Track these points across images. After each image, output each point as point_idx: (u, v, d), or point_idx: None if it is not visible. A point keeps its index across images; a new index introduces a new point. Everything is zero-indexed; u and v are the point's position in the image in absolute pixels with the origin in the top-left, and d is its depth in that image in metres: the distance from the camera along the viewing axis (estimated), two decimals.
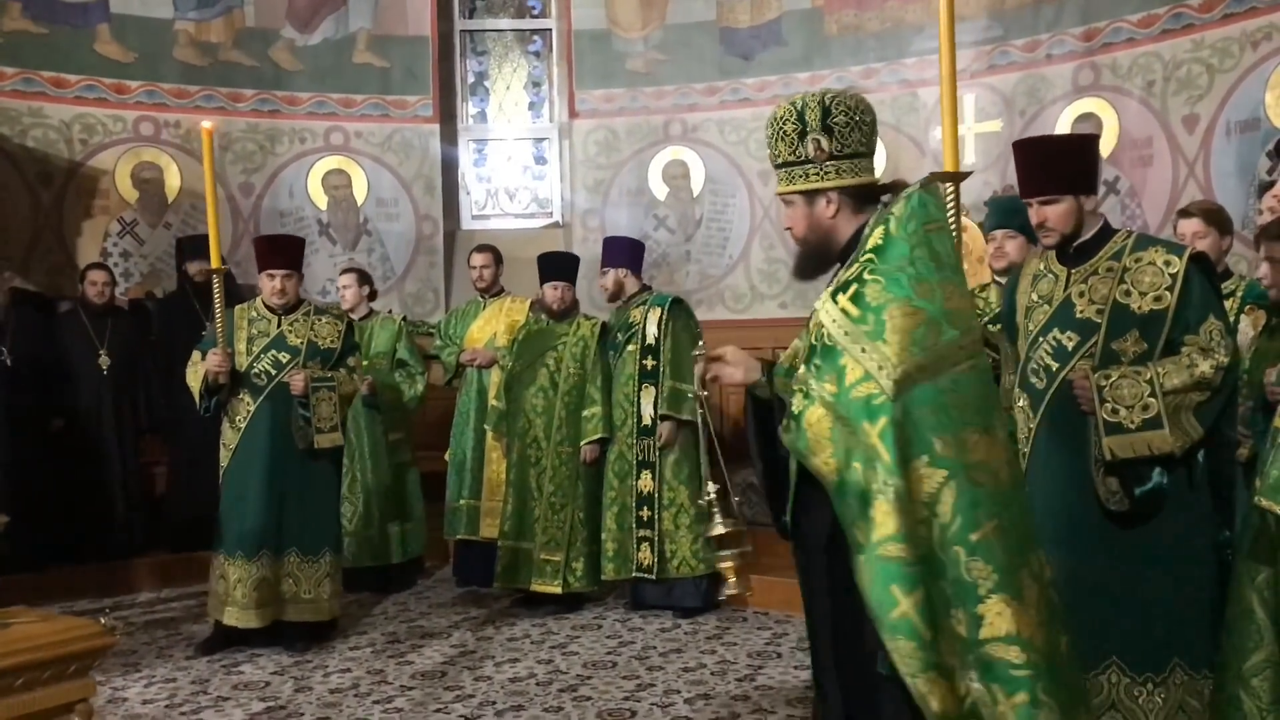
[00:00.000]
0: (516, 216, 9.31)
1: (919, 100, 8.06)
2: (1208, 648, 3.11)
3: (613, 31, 8.82)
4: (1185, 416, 3.08)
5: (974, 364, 2.32)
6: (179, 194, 8.16)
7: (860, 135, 2.47)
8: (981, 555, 2.22)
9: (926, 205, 2.37)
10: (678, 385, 5.99)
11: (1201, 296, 3.15)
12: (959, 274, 2.38)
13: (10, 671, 2.06)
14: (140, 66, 8.10)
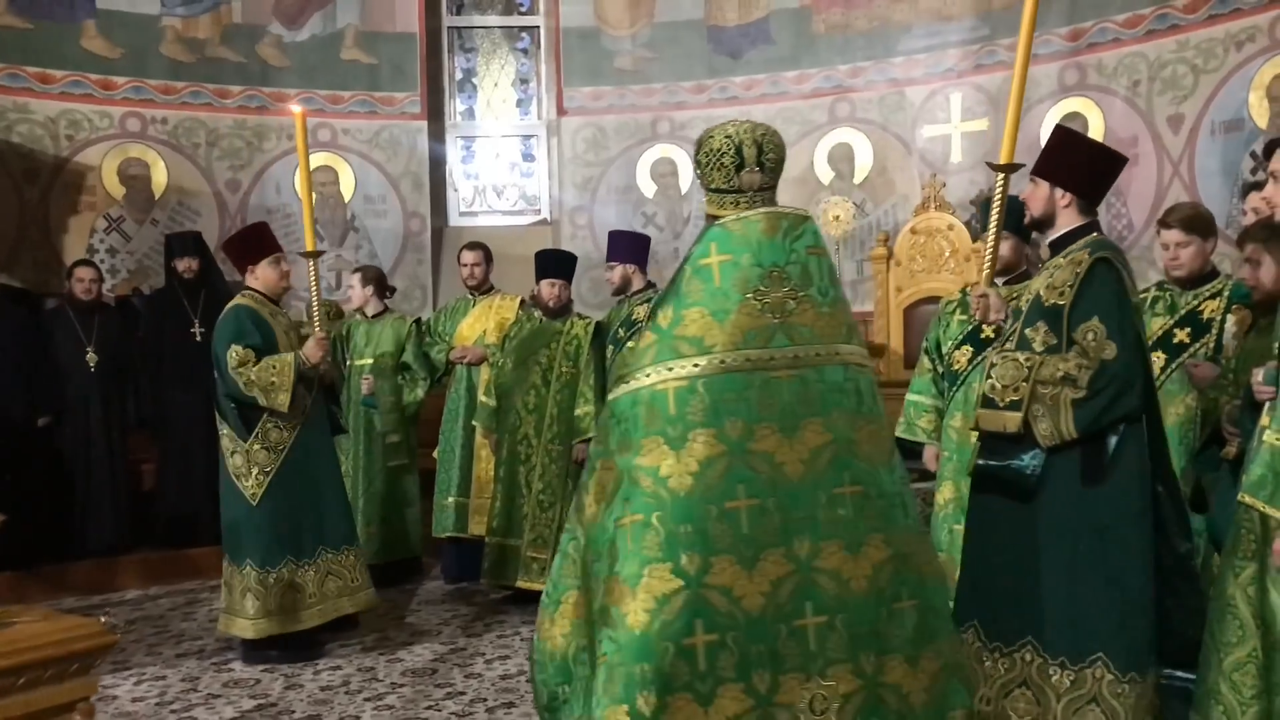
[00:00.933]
0: (504, 214, 9.32)
1: (905, 99, 8.11)
2: (1138, 651, 3.12)
3: (601, 29, 8.84)
4: (1062, 411, 3.13)
5: (691, 380, 2.64)
6: (166, 190, 8.15)
7: (721, 174, 2.81)
8: (620, 540, 2.60)
9: (715, 239, 2.75)
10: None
11: (1092, 297, 3.19)
12: (728, 301, 2.67)
13: (13, 670, 2.07)
14: (127, 62, 8.08)
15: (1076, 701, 3.11)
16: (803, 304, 2.72)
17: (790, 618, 2.60)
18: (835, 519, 2.65)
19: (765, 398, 2.65)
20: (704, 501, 2.58)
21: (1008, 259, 4.59)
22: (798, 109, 8.42)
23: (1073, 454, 3.16)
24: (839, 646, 2.63)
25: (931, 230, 7.37)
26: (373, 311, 6.89)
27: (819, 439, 2.67)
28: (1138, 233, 7.09)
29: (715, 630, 2.54)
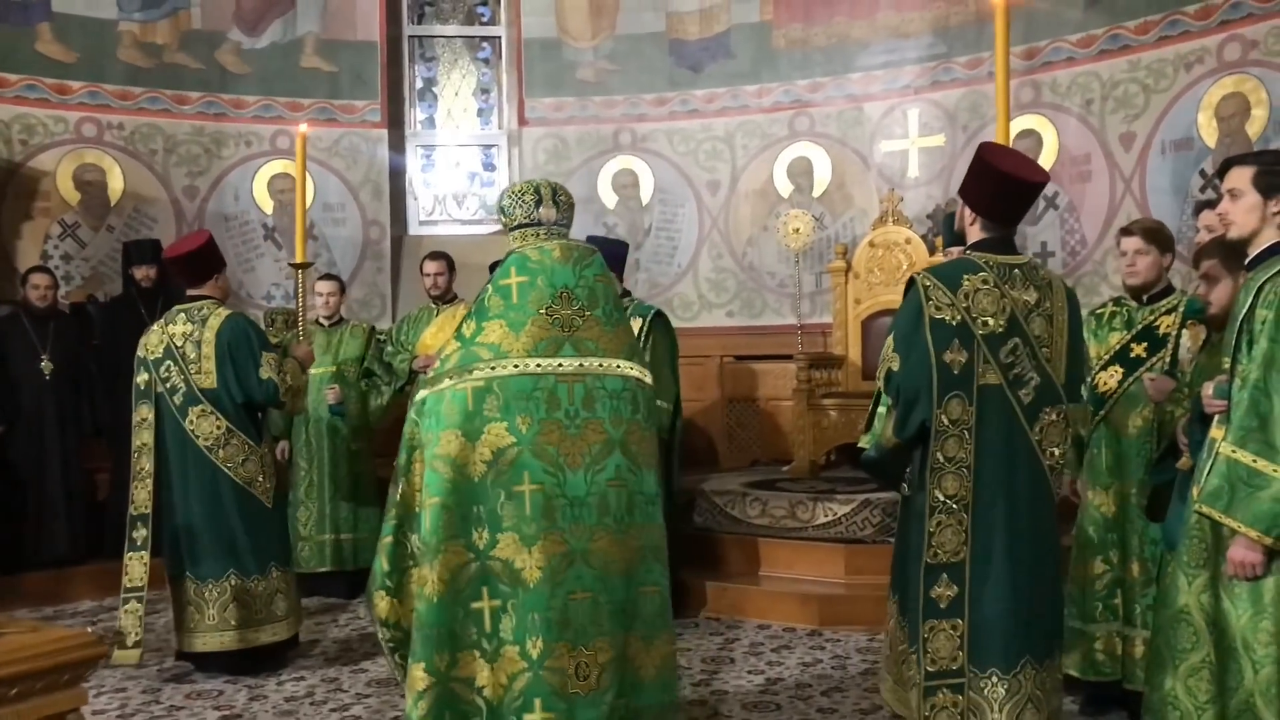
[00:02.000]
0: (464, 223, 9.31)
1: (864, 114, 8.23)
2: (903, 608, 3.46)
3: (563, 40, 8.88)
4: (888, 418, 3.39)
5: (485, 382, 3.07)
6: (122, 196, 8.05)
7: (522, 210, 3.31)
8: (421, 522, 3.06)
9: (516, 262, 3.23)
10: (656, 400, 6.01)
11: (895, 316, 3.44)
12: (522, 315, 3.13)
13: (4, 681, 2.06)
14: (83, 67, 7.97)
15: (904, 655, 3.43)
16: (589, 322, 3.19)
17: (563, 592, 3.04)
18: (606, 508, 3.12)
19: (552, 399, 3.10)
20: (494, 486, 3.03)
21: None
22: (758, 123, 8.51)
23: (915, 457, 3.43)
24: (601, 620, 3.07)
25: (889, 244, 7.48)
26: (333, 321, 6.87)
27: (597, 437, 3.13)
28: (1090, 247, 7.25)
29: (498, 597, 3.02)
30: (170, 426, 5.11)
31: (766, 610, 5.95)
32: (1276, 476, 2.91)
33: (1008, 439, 3.33)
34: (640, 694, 3.14)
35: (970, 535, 3.31)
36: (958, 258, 3.47)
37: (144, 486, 5.09)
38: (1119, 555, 4.25)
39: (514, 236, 3.32)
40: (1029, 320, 3.33)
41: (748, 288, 8.51)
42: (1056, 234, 7.41)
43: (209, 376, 5.06)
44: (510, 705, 3.01)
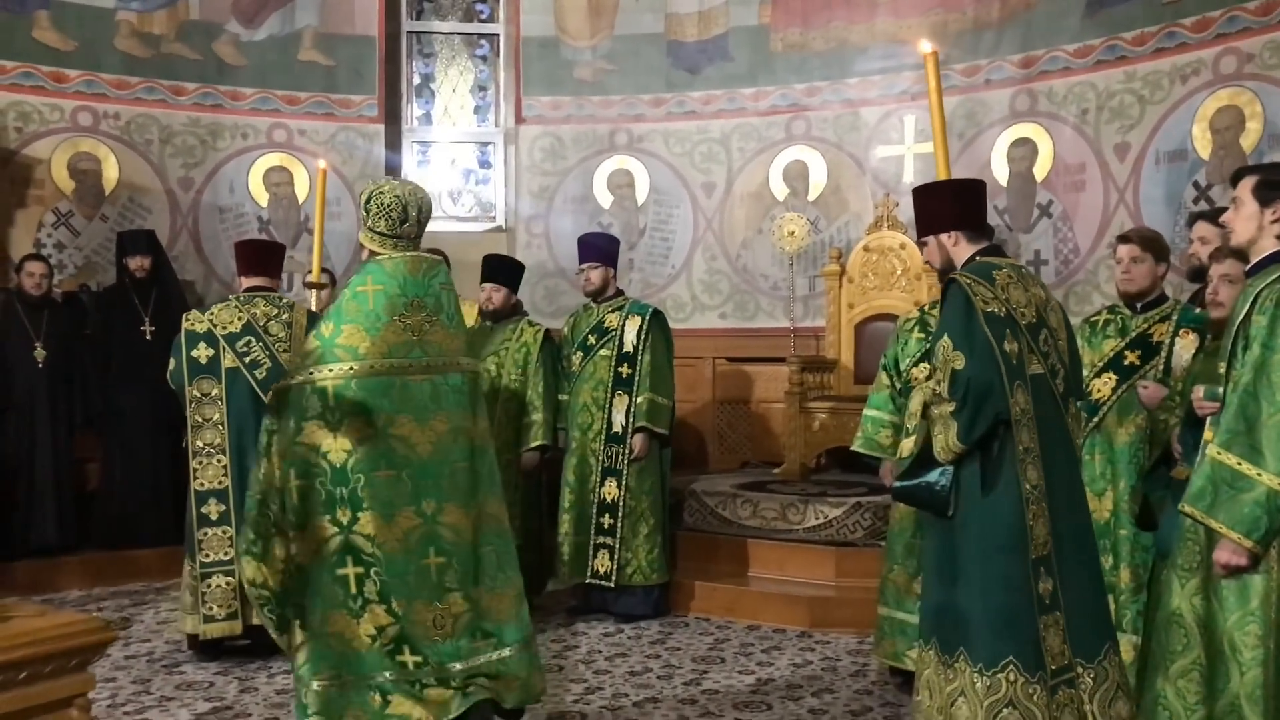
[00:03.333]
0: (459, 220, 9.31)
1: (860, 119, 8.26)
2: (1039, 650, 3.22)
3: (561, 39, 8.89)
4: (949, 427, 3.23)
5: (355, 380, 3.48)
6: (117, 186, 8.02)
7: (386, 223, 3.67)
8: (288, 499, 3.47)
9: (371, 271, 3.59)
10: (655, 398, 6.01)
11: (943, 316, 3.38)
12: (378, 320, 3.51)
13: (13, 665, 2.06)
14: (80, 55, 7.94)
15: (995, 707, 3.20)
16: (435, 326, 3.61)
17: (419, 558, 3.52)
18: (456, 487, 3.60)
19: (404, 395, 3.52)
20: (355, 471, 3.45)
21: None
22: (754, 126, 8.53)
23: (973, 463, 3.28)
24: (454, 579, 3.57)
25: (884, 249, 7.51)
26: None
27: (443, 426, 3.58)
28: (1084, 256, 7.29)
29: (361, 565, 3.46)
30: (244, 402, 5.28)
31: (757, 611, 5.97)
32: (1259, 480, 2.94)
33: (1058, 426, 3.37)
34: (505, 633, 3.68)
35: (1051, 525, 3.30)
36: (978, 260, 3.45)
37: (215, 462, 5.28)
38: (1110, 561, 4.29)
39: (371, 238, 3.69)
40: (1046, 314, 3.40)
41: (741, 290, 8.53)
42: (1050, 242, 7.45)
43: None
44: (383, 649, 3.48)
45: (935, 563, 3.41)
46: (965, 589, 3.28)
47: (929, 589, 3.46)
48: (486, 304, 6.27)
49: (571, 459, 6.12)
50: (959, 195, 3.52)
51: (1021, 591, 3.23)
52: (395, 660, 3.48)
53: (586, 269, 6.26)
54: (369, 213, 3.67)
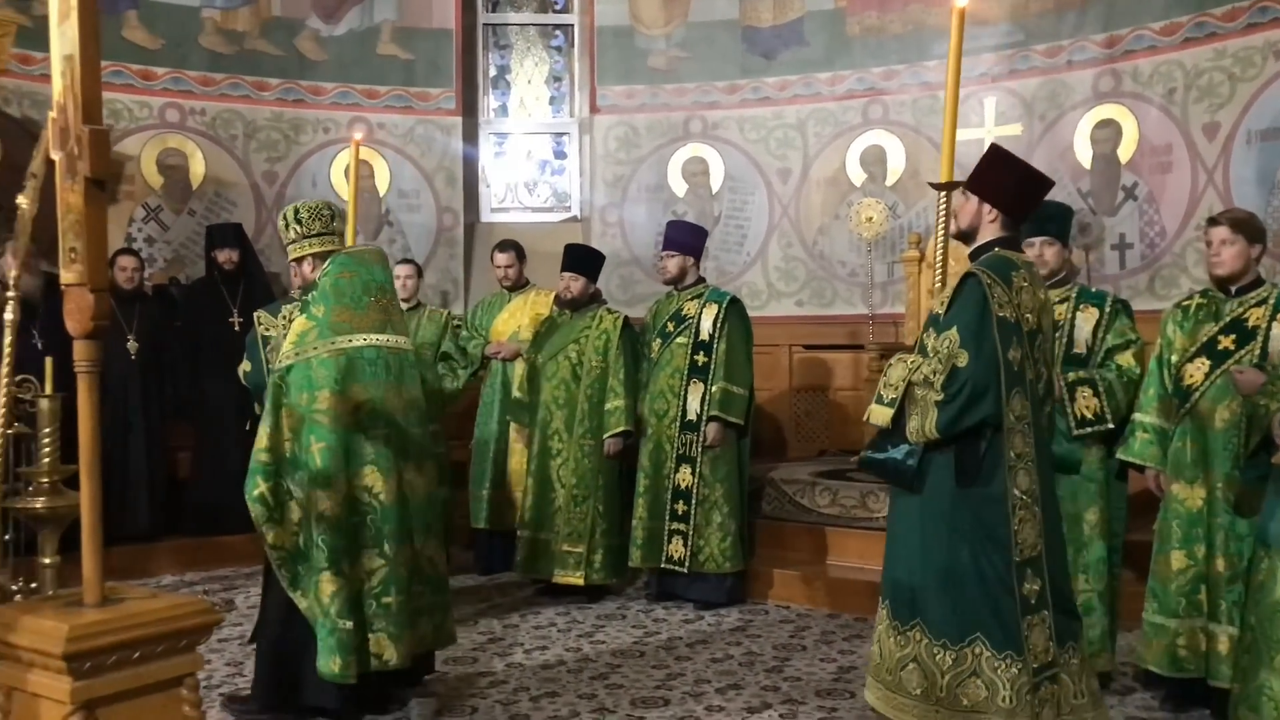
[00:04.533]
0: (535, 210, 9.38)
1: (939, 103, 8.13)
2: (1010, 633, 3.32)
3: (635, 28, 8.90)
4: (928, 412, 3.34)
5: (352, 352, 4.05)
6: (203, 180, 8.22)
7: (320, 224, 4.29)
8: (311, 462, 3.97)
9: (343, 262, 4.15)
10: (730, 387, 6.02)
11: (955, 308, 3.40)
12: (360, 301, 4.11)
13: (127, 645, 2.14)
14: (167, 53, 8.14)
15: (959, 677, 3.34)
16: (394, 308, 4.28)
17: (401, 508, 4.12)
18: (423, 450, 4.27)
19: (387, 366, 4.13)
20: (358, 430, 4.03)
21: (1053, 265, 4.66)
22: (830, 110, 8.46)
23: (948, 453, 3.37)
24: (421, 529, 4.21)
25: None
26: (411, 305, 6.97)
27: (409, 395, 4.22)
28: (1170, 239, 7.12)
29: (360, 514, 4.05)
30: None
31: (837, 599, 5.95)
32: None
33: (1040, 431, 3.46)
34: (442, 589, 4.37)
35: (1042, 528, 3.37)
36: (1000, 254, 3.50)
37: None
38: (1204, 550, 4.20)
39: (310, 244, 4.26)
40: (1043, 318, 3.48)
41: (818, 277, 8.48)
42: (1135, 225, 7.29)
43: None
44: (370, 591, 4.06)
45: (901, 535, 3.54)
46: (929, 570, 3.41)
47: (894, 558, 3.57)
48: (565, 293, 6.33)
49: (647, 445, 6.14)
50: (1024, 182, 3.56)
51: (1000, 584, 3.33)
52: (382, 602, 4.07)
53: (664, 257, 6.29)
54: (300, 222, 4.24)
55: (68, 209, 2.25)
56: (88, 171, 2.19)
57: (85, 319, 2.20)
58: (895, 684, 3.46)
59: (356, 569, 4.03)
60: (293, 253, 4.32)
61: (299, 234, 4.26)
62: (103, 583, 2.28)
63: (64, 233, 2.26)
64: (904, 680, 3.42)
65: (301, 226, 4.25)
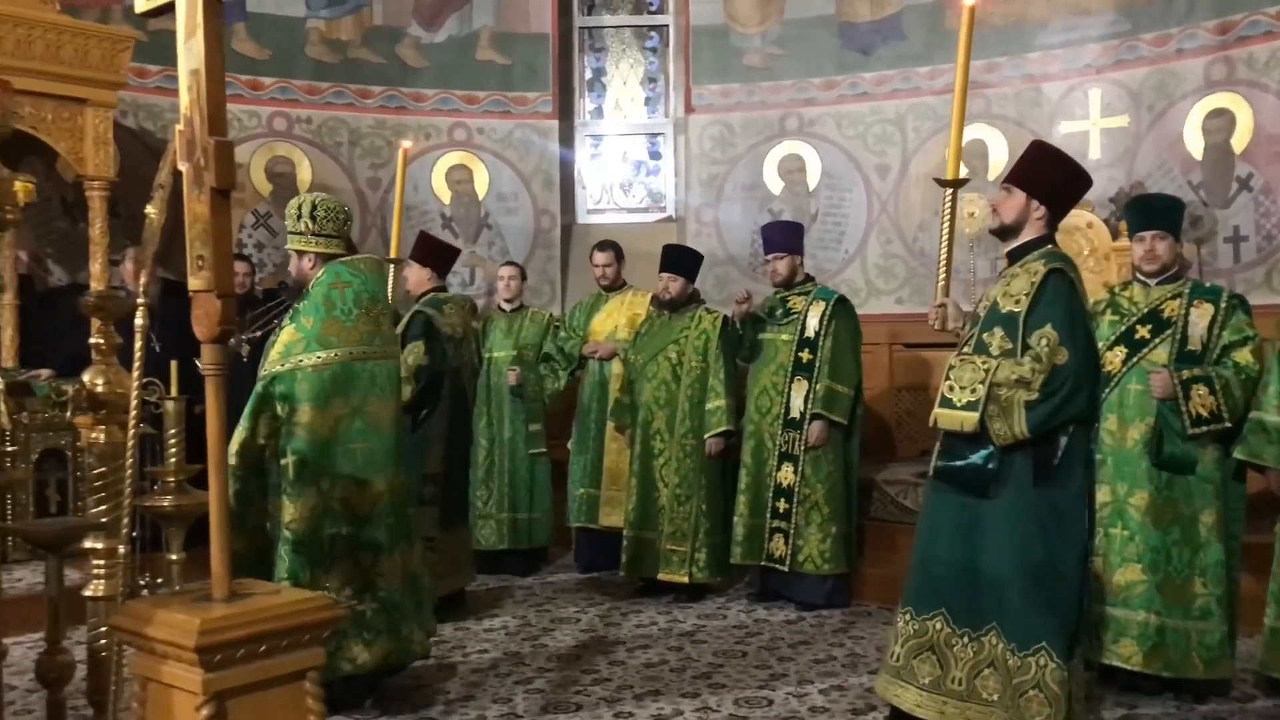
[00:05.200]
0: (630, 211, 9.42)
1: (1042, 95, 7.98)
2: (1073, 639, 3.38)
3: (730, 27, 8.88)
4: (1015, 412, 3.34)
5: (336, 367, 4.06)
6: (310, 187, 8.42)
7: (333, 226, 4.30)
8: (284, 473, 3.99)
9: (337, 272, 4.17)
10: (834, 385, 5.99)
11: (1045, 306, 3.41)
12: (350, 314, 4.12)
13: (254, 639, 2.22)
14: (274, 63, 8.37)
15: (1021, 687, 3.35)
16: (384, 318, 4.30)
17: (382, 520, 4.19)
18: (400, 458, 4.34)
19: (371, 378, 4.16)
20: (335, 444, 4.05)
21: (1165, 259, 4.56)
22: (929, 105, 8.34)
23: (1026, 452, 3.38)
24: (397, 536, 4.28)
25: (1069, 228, 7.22)
26: (514, 306, 7.10)
27: (390, 404, 4.25)
28: None
29: (336, 526, 4.06)
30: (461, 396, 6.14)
31: None
32: None
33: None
34: (422, 590, 4.45)
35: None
36: (1053, 250, 3.56)
37: (433, 450, 5.84)
38: None
39: (316, 242, 4.26)
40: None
41: (918, 274, 8.37)
42: (1250, 217, 7.05)
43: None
44: (347, 600, 4.04)
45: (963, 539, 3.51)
46: (1006, 573, 3.42)
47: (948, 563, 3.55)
48: (664, 293, 6.36)
49: (749, 441, 6.13)
50: (1071, 181, 3.63)
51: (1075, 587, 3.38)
52: (355, 611, 4.11)
53: (772, 260, 6.27)
54: (314, 219, 4.24)
55: (195, 218, 2.34)
56: (213, 182, 2.27)
57: (213, 324, 2.28)
58: (969, 692, 3.47)
59: (328, 578, 4.03)
60: (296, 244, 4.33)
61: (308, 229, 4.27)
62: (230, 578, 2.37)
63: (191, 241, 2.34)
64: (979, 688, 3.43)
65: (315, 224, 4.25)
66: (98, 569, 2.95)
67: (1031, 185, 3.58)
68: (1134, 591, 4.41)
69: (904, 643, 3.66)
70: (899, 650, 3.67)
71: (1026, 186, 3.59)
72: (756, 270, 8.26)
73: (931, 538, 3.66)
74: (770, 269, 6.29)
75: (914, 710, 3.59)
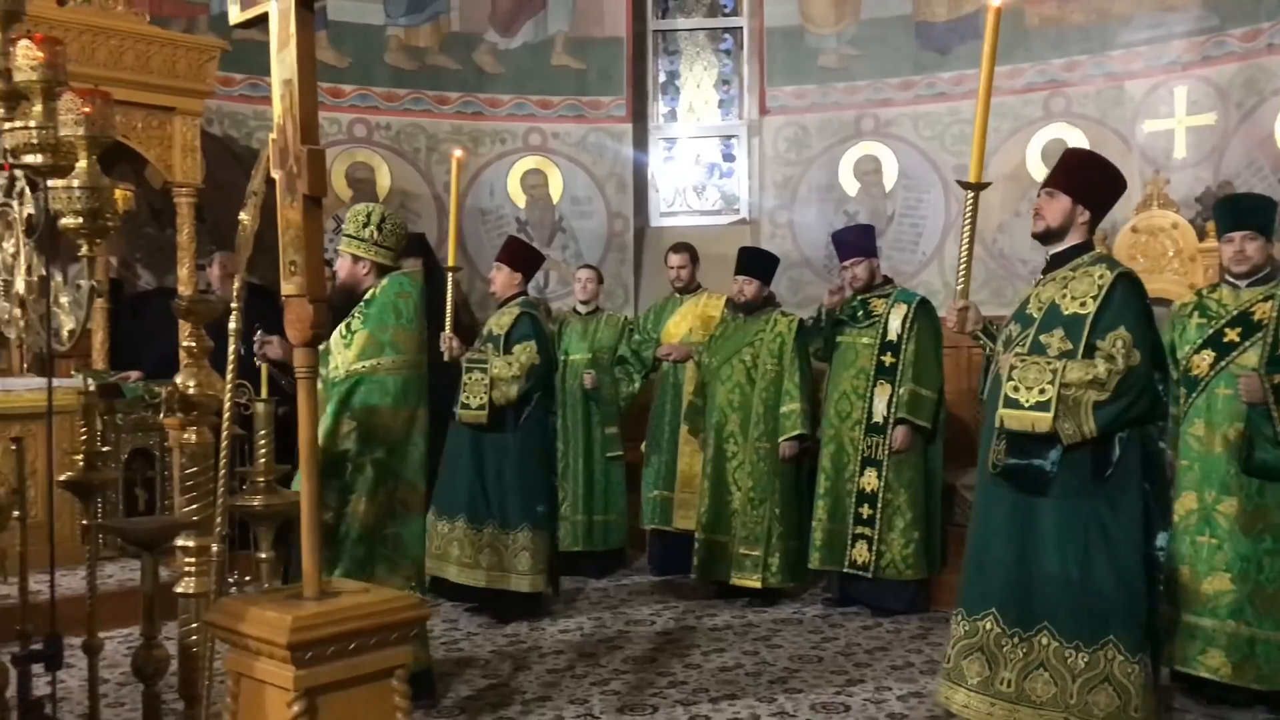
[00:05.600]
0: (703, 214, 9.42)
1: (1125, 93, 7.83)
2: (1142, 632, 3.48)
3: (805, 28, 8.84)
4: (1084, 411, 3.41)
5: (405, 372, 4.23)
6: (389, 193, 8.56)
7: (394, 240, 4.44)
8: (363, 469, 4.14)
9: (401, 282, 4.35)
10: (918, 389, 5.92)
11: (1117, 308, 3.50)
12: (411, 324, 4.28)
13: (345, 637, 2.27)
14: (354, 71, 8.51)
15: (1091, 681, 3.43)
16: (425, 331, 4.44)
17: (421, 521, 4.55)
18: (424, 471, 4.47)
19: (421, 385, 4.34)
20: (403, 445, 4.25)
21: (1256, 260, 4.44)
22: (1009, 104, 8.22)
23: (1084, 451, 3.47)
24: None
25: (1154, 229, 7.10)
26: (589, 310, 7.14)
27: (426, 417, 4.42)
28: None
29: (396, 526, 4.25)
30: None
31: None
32: None
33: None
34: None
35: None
36: (1109, 254, 3.75)
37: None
38: None
39: (379, 253, 4.36)
40: None
41: (998, 276, 8.25)
42: None
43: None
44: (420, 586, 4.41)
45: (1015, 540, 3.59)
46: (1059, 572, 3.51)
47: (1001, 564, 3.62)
48: (739, 296, 6.34)
49: (829, 446, 6.09)
50: (1112, 184, 3.76)
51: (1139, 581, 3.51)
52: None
53: (850, 265, 6.19)
54: (380, 230, 4.35)
55: (287, 224, 2.39)
56: (306, 189, 2.32)
57: (305, 328, 2.33)
58: (1018, 695, 3.53)
59: (391, 577, 4.13)
60: (355, 249, 4.36)
61: (373, 239, 4.34)
62: (320, 577, 2.42)
63: (284, 247, 2.40)
64: (1028, 690, 3.51)
65: (380, 235, 4.35)
66: (189, 566, 3.02)
67: (1076, 190, 3.66)
68: (1222, 601, 4.30)
69: (955, 644, 3.75)
70: (951, 652, 3.76)
71: (1071, 191, 3.66)
72: (832, 272, 8.20)
73: (984, 538, 3.75)
74: (849, 275, 6.20)
75: (962, 712, 3.68)
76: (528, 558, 5.70)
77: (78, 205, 2.40)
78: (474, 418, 5.74)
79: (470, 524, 5.77)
